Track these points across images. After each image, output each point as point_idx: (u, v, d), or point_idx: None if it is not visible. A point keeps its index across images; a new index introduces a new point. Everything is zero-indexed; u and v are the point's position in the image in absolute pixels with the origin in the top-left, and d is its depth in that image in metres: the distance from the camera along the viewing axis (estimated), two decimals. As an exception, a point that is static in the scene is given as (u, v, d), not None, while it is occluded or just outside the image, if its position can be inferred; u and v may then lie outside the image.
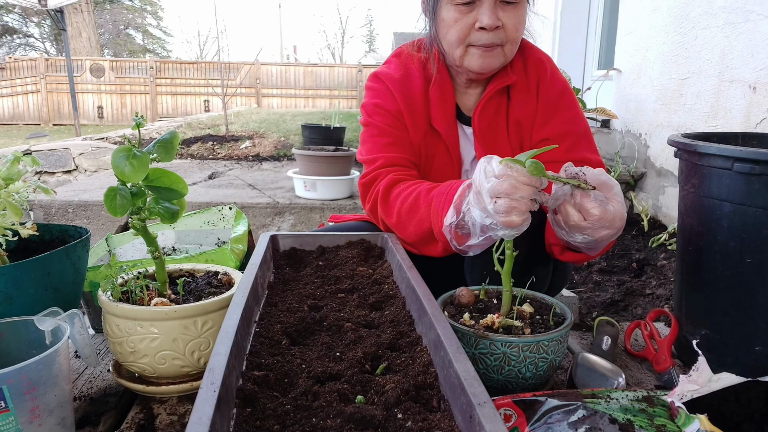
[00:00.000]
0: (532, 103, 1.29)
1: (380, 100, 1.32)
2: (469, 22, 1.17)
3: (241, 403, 0.63)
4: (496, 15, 1.15)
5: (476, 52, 1.20)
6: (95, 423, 0.98)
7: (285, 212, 3.57)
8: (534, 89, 1.29)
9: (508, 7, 1.16)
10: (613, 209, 0.87)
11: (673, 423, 0.74)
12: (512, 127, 1.30)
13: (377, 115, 1.32)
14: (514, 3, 1.16)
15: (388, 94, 1.32)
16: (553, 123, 1.27)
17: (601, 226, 0.87)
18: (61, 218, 3.63)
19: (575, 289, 2.37)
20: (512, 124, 1.29)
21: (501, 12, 1.16)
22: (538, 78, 1.29)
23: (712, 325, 1.15)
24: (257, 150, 5.95)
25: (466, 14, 1.17)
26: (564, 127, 1.26)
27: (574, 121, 1.27)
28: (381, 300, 0.96)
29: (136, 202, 0.96)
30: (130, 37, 26.25)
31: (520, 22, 1.18)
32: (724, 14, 2.50)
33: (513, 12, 1.16)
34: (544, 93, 1.28)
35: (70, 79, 9.17)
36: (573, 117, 1.28)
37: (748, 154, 1.02)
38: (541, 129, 1.28)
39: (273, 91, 14.69)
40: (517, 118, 1.29)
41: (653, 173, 3.22)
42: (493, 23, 1.15)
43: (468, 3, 1.16)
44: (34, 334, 0.92)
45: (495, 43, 1.19)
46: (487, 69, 1.23)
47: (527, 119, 1.29)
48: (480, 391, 0.59)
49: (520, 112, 1.29)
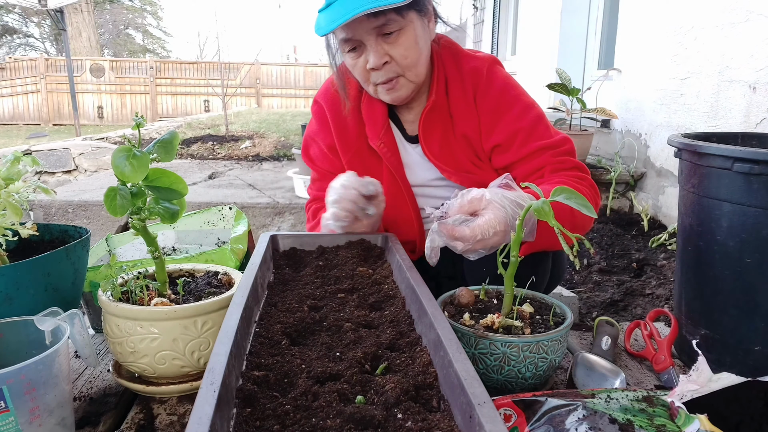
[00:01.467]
0: (473, 115, 1.27)
1: (312, 129, 1.43)
2: (363, 64, 1.19)
3: (241, 403, 0.63)
4: (381, 52, 1.16)
5: (382, 89, 1.23)
6: (95, 423, 0.98)
7: (285, 212, 3.57)
8: (472, 101, 1.27)
9: (391, 38, 1.15)
10: (484, 219, 0.91)
11: (673, 423, 0.74)
12: (462, 141, 1.28)
13: (310, 147, 1.44)
14: (395, 32, 1.15)
15: (324, 119, 1.38)
16: (500, 127, 1.25)
17: (482, 239, 0.91)
18: (61, 218, 3.63)
19: (575, 289, 2.37)
20: (460, 138, 1.28)
21: (387, 46, 1.16)
22: (475, 89, 1.27)
23: (712, 325, 1.16)
24: (257, 150, 5.95)
25: (357, 59, 1.19)
26: (511, 127, 1.24)
27: (520, 117, 1.24)
28: (381, 300, 0.96)
29: (136, 202, 0.95)
30: (130, 37, 26.25)
31: (408, 48, 1.17)
32: (724, 14, 2.51)
33: (397, 42, 1.16)
34: (481, 102, 1.26)
35: (70, 79, 9.17)
36: (518, 113, 1.25)
37: (747, 154, 1.02)
38: (489, 138, 1.26)
39: (273, 91, 14.70)
40: (463, 133, 1.28)
41: (653, 173, 3.22)
42: (378, 62, 1.16)
43: (354, 49, 1.18)
44: (34, 334, 0.92)
45: (391, 78, 1.20)
46: (399, 101, 1.26)
47: (473, 132, 1.27)
48: (480, 391, 0.59)
49: (464, 127, 1.27)
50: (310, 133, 1.43)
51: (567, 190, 0.85)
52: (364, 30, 1.13)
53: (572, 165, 1.21)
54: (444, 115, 1.28)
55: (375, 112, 1.31)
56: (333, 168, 1.39)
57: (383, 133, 1.31)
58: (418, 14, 1.17)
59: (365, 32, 1.14)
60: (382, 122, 1.31)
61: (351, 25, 1.12)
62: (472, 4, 8.26)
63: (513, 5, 7.06)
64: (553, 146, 1.21)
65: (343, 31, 1.15)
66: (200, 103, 14.50)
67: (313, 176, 1.47)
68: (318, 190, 1.44)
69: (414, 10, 1.16)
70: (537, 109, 1.27)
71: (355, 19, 1.10)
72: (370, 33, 1.14)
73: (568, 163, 1.20)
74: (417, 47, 1.18)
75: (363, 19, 1.11)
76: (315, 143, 1.42)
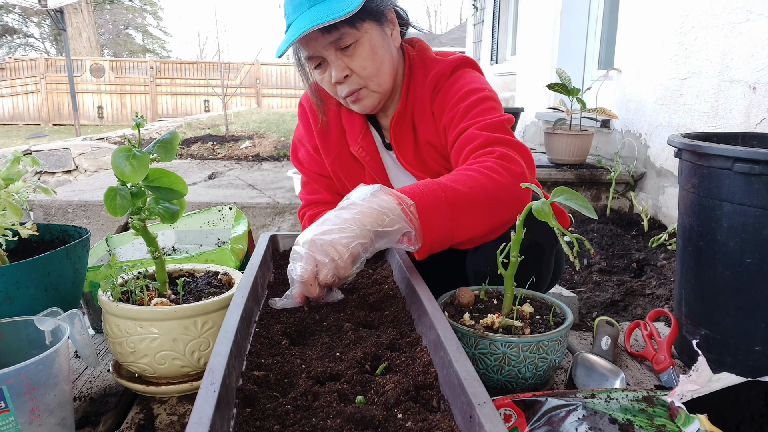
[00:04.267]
0: (430, 120, 1.27)
1: (299, 132, 1.43)
2: (328, 79, 1.20)
3: (241, 404, 0.63)
4: (341, 66, 1.17)
5: (350, 101, 1.24)
6: (95, 423, 0.98)
7: (285, 212, 3.57)
8: (429, 106, 1.26)
9: (349, 51, 1.16)
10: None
11: (673, 423, 0.74)
12: (428, 148, 1.28)
13: (299, 151, 1.45)
14: (351, 45, 1.15)
15: (308, 122, 1.39)
16: (445, 118, 1.22)
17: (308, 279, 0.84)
18: (61, 218, 3.63)
19: (575, 289, 2.37)
20: (426, 146, 1.28)
21: (346, 59, 1.17)
22: (434, 93, 1.26)
23: (712, 325, 1.15)
24: (257, 150, 5.95)
25: (324, 73, 1.21)
26: (450, 113, 1.21)
27: (460, 100, 1.20)
28: (381, 300, 0.96)
29: (136, 202, 0.95)
30: (130, 37, 26.24)
31: (365, 59, 1.17)
32: (724, 14, 2.51)
33: (354, 54, 1.16)
34: (436, 105, 1.25)
35: (70, 79, 9.17)
36: (460, 98, 1.20)
37: (748, 154, 1.02)
38: (444, 134, 1.24)
39: (273, 91, 14.70)
40: (426, 140, 1.27)
41: (653, 173, 3.22)
42: (340, 75, 1.17)
43: (319, 65, 1.20)
44: (34, 334, 0.92)
45: (354, 90, 1.20)
46: (367, 110, 1.26)
47: (433, 136, 1.26)
48: (480, 391, 0.59)
49: (426, 134, 1.27)
50: (298, 137, 1.44)
51: (567, 191, 0.85)
52: (321, 46, 1.15)
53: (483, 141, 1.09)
54: (408, 123, 1.28)
55: (354, 119, 1.32)
56: (321, 170, 1.40)
57: (362, 139, 1.31)
58: (375, 23, 1.17)
59: (323, 48, 1.15)
60: (359, 128, 1.32)
61: (310, 43, 1.14)
62: (472, 4, 8.26)
63: (513, 5, 7.06)
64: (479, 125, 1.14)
65: (305, 49, 1.17)
66: (200, 103, 14.50)
67: (303, 180, 1.47)
68: (309, 193, 1.45)
69: (369, 20, 1.16)
70: (484, 94, 1.20)
71: (311, 37, 1.12)
72: (328, 48, 1.15)
73: (480, 137, 1.10)
74: (376, 57, 1.18)
75: (318, 35, 1.12)
76: (302, 146, 1.43)
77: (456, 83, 1.24)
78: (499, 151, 1.05)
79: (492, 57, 7.45)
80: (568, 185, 3.37)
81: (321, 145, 1.36)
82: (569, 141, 3.47)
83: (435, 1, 37.32)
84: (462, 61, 1.28)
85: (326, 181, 1.41)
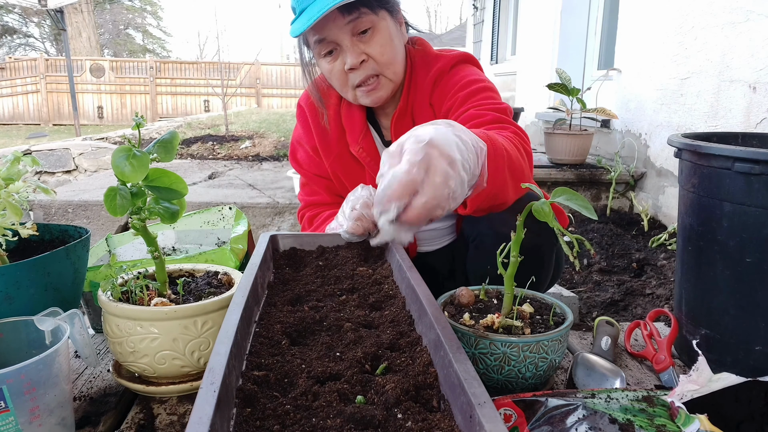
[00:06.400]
0: (430, 116, 1.26)
1: (298, 133, 1.43)
2: (340, 67, 1.19)
3: (241, 403, 0.63)
4: (358, 51, 1.15)
5: (361, 92, 1.22)
6: (95, 423, 0.98)
7: (285, 212, 3.57)
8: (428, 103, 1.27)
9: (365, 37, 1.15)
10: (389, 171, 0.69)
11: (673, 423, 0.74)
12: None
13: (297, 152, 1.44)
14: (369, 30, 1.14)
15: (306, 123, 1.38)
16: (444, 107, 1.22)
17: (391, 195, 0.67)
18: (61, 218, 3.63)
19: (575, 289, 2.37)
20: None
21: (363, 45, 1.16)
22: (432, 90, 1.26)
23: (712, 325, 1.15)
24: (257, 150, 5.95)
25: (334, 62, 1.19)
26: (450, 101, 1.21)
27: (461, 89, 1.20)
28: (381, 300, 0.96)
29: (136, 202, 0.95)
30: (130, 37, 26.25)
31: (384, 45, 1.16)
32: (724, 14, 2.51)
33: (372, 40, 1.15)
34: (435, 101, 1.25)
35: (70, 79, 9.17)
36: (460, 87, 1.21)
37: (748, 154, 1.02)
38: None
39: (273, 91, 14.70)
40: None
41: (653, 173, 3.22)
42: (356, 61, 1.16)
43: (330, 52, 1.18)
44: (34, 334, 0.92)
45: (371, 76, 1.19)
46: (379, 102, 1.25)
47: None
48: (480, 391, 0.59)
49: None
50: (297, 138, 1.44)
51: (567, 191, 0.85)
52: (338, 28, 1.13)
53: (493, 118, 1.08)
54: (409, 120, 1.29)
55: (354, 119, 1.32)
56: (320, 171, 1.40)
57: (362, 139, 1.31)
58: (389, 14, 1.18)
59: (339, 31, 1.14)
60: (360, 128, 1.31)
61: (325, 26, 1.13)
62: (472, 4, 8.26)
63: (513, 5, 7.06)
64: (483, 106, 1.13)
65: (318, 32, 1.15)
66: (200, 103, 14.49)
67: (302, 181, 1.47)
68: (308, 194, 1.44)
69: (385, 9, 1.16)
70: (483, 84, 1.21)
71: (329, 18, 1.10)
72: (345, 32, 1.14)
73: (488, 115, 1.09)
74: (393, 45, 1.18)
75: (336, 17, 1.11)
76: (301, 147, 1.43)
77: (455, 76, 1.25)
78: (512, 128, 1.04)
79: (492, 57, 7.45)
80: (568, 185, 3.37)
81: (320, 145, 1.36)
82: (569, 141, 3.47)
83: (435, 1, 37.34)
84: (463, 57, 1.29)
85: (325, 182, 1.42)
